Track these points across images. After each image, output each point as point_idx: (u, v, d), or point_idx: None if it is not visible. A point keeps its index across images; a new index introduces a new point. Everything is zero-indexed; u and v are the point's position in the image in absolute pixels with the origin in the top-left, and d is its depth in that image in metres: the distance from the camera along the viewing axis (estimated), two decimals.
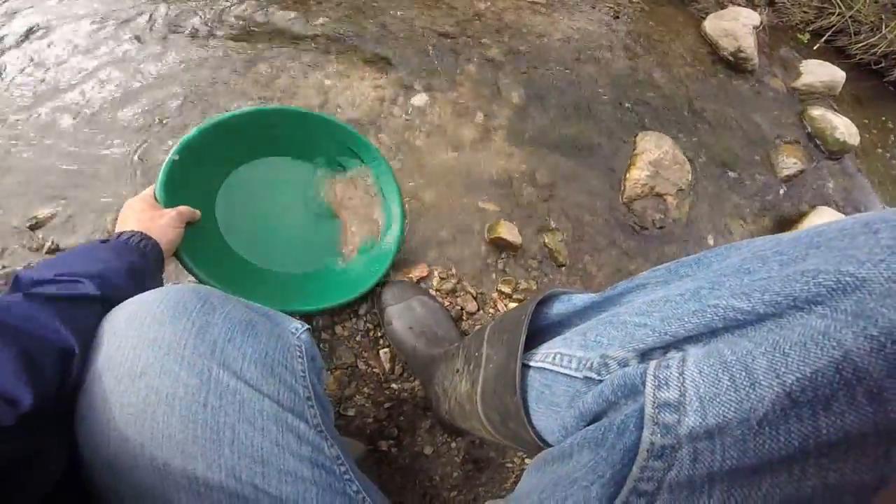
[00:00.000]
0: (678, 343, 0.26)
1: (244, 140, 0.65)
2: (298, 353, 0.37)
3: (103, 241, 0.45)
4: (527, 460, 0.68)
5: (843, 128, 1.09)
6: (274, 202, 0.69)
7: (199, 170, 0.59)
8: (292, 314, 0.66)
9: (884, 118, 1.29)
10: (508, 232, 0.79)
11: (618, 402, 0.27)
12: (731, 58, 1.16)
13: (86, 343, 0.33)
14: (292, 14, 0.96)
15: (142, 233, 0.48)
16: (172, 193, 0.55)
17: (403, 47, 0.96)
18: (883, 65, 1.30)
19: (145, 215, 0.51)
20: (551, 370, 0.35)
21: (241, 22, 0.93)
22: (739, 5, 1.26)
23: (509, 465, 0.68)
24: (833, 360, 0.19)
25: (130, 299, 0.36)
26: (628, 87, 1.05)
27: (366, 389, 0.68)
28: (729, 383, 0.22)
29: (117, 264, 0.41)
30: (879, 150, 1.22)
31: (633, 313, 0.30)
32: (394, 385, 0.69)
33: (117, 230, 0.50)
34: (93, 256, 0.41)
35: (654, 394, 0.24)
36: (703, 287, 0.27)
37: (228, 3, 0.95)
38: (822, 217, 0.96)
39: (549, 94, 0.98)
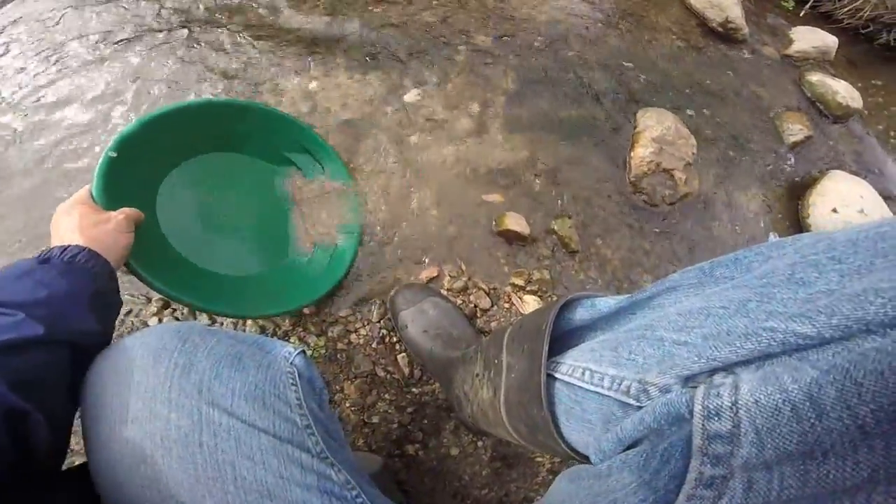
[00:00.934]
0: (727, 367, 0.24)
1: (187, 135, 0.61)
2: (291, 381, 0.36)
3: (42, 261, 0.38)
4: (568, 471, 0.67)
5: (844, 91, 1.08)
6: (221, 200, 0.65)
7: (138, 167, 0.54)
8: (245, 317, 0.63)
9: (881, 81, 1.28)
10: (516, 223, 0.77)
11: (661, 429, 0.26)
12: (720, 28, 1.14)
13: (40, 397, 0.30)
14: (270, 19, 0.93)
15: (87, 249, 0.40)
16: (112, 194, 0.50)
17: (389, 43, 0.93)
18: (871, 28, 1.29)
19: (87, 221, 0.44)
20: (581, 387, 0.33)
21: (219, 29, 0.90)
22: None
23: (539, 459, 0.67)
24: None
25: (108, 348, 0.34)
26: (621, 64, 1.03)
27: (387, 396, 0.66)
28: (791, 414, 0.20)
29: (66, 290, 0.36)
30: (885, 112, 1.21)
31: (669, 327, 0.28)
32: (414, 389, 0.67)
33: (56, 242, 0.42)
34: (33, 280, 0.35)
35: (703, 424, 0.22)
36: (750, 299, 0.24)
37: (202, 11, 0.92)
38: (837, 181, 0.94)
39: (542, 79, 0.96)
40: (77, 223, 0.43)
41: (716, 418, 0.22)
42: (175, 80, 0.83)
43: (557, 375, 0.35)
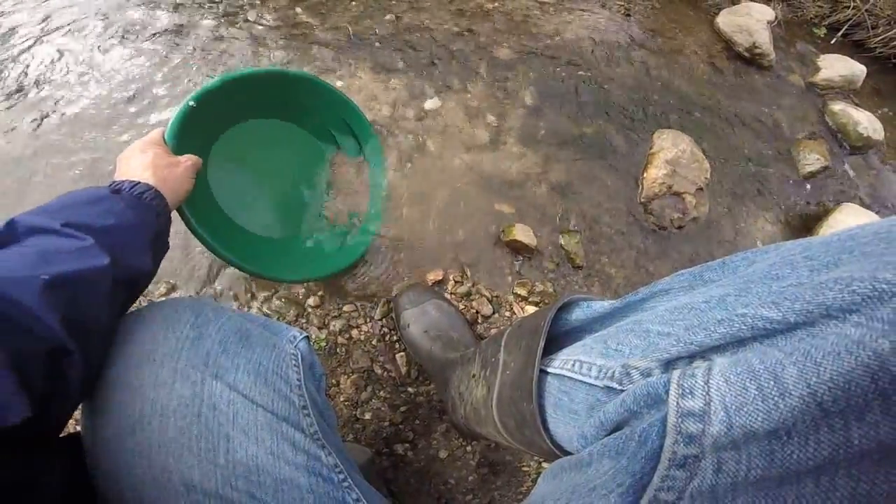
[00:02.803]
0: (703, 352, 0.25)
1: (256, 98, 0.64)
2: (294, 363, 0.37)
3: (114, 191, 0.39)
4: (544, 464, 0.67)
5: (866, 122, 1.06)
6: (266, 164, 0.68)
7: (206, 120, 0.58)
8: (262, 278, 0.65)
9: None
10: (523, 234, 0.78)
11: (640, 412, 0.27)
12: (746, 53, 1.14)
13: (87, 336, 0.30)
14: (305, 19, 0.96)
15: (154, 189, 0.41)
16: (181, 141, 0.52)
17: (414, 50, 0.95)
18: None
19: (162, 162, 0.45)
20: (570, 377, 0.34)
21: (252, 23, 0.94)
22: (752, 0, 1.23)
23: (525, 468, 0.67)
24: (869, 370, 0.18)
25: (127, 315, 0.35)
26: (643, 84, 1.03)
27: (382, 393, 0.67)
28: (756, 393, 0.21)
29: (133, 223, 0.36)
30: None
31: (656, 321, 0.30)
32: (409, 389, 0.68)
33: (124, 176, 0.42)
34: (104, 208, 0.35)
35: (677, 402, 0.23)
36: (729, 294, 0.26)
37: (240, 8, 0.96)
38: (848, 214, 0.93)
39: (562, 94, 0.97)
40: (151, 161, 0.44)
41: (689, 396, 0.23)
42: (202, 72, 0.87)
43: (549, 370, 0.36)
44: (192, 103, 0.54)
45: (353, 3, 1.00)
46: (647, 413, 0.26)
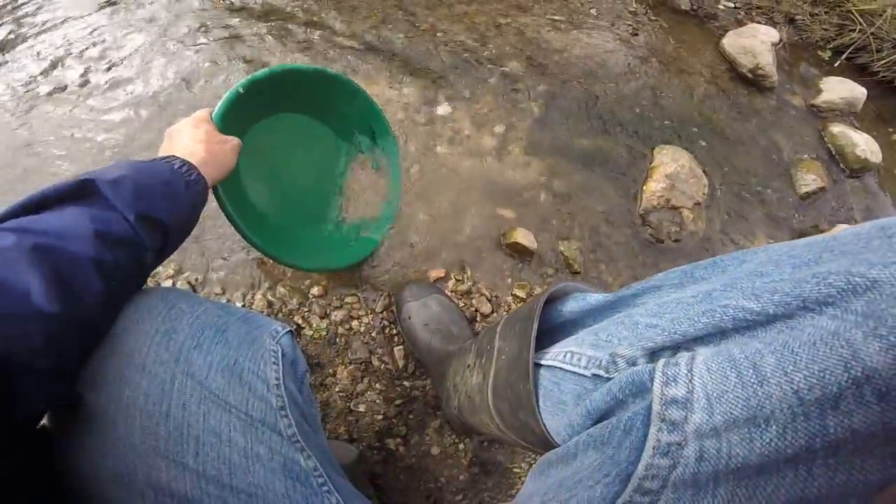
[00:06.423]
0: (688, 343, 0.26)
1: (291, 93, 0.67)
2: (273, 360, 0.36)
3: (165, 161, 0.40)
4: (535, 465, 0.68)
5: (864, 145, 1.07)
6: (290, 156, 0.72)
7: (246, 108, 0.60)
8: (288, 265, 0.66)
9: None
10: (524, 238, 0.80)
11: (625, 401, 0.27)
12: (749, 75, 1.16)
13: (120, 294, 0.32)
14: (323, 24, 1.00)
15: (196, 169, 0.42)
16: (226, 123, 0.54)
17: (428, 58, 0.99)
18: None
19: (213, 138, 0.48)
20: (561, 368, 0.35)
21: (267, 29, 0.98)
22: (759, 23, 1.26)
23: (517, 470, 0.68)
24: (842, 359, 0.19)
25: None
26: (646, 101, 1.06)
27: (378, 385, 0.69)
28: (737, 380, 0.22)
29: (186, 222, 0.40)
30: None
31: (645, 314, 0.31)
32: (406, 383, 0.70)
33: (176, 150, 0.44)
34: (177, 204, 0.38)
35: (661, 390, 0.24)
36: (715, 289, 0.27)
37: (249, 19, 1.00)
38: None
39: (568, 108, 1.00)
40: (204, 137, 0.47)
41: (673, 384, 0.24)
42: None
43: (542, 361, 0.37)
44: (241, 90, 0.57)
45: (373, 12, 1.04)
46: (632, 402, 0.27)
